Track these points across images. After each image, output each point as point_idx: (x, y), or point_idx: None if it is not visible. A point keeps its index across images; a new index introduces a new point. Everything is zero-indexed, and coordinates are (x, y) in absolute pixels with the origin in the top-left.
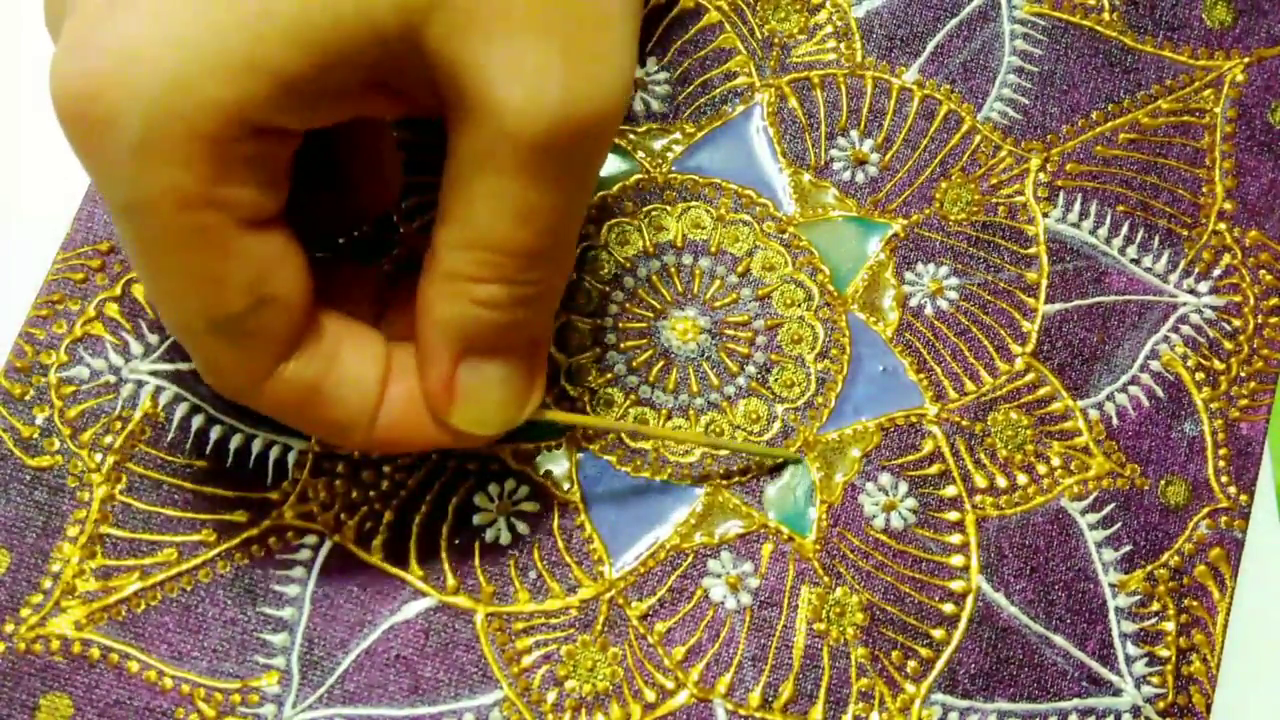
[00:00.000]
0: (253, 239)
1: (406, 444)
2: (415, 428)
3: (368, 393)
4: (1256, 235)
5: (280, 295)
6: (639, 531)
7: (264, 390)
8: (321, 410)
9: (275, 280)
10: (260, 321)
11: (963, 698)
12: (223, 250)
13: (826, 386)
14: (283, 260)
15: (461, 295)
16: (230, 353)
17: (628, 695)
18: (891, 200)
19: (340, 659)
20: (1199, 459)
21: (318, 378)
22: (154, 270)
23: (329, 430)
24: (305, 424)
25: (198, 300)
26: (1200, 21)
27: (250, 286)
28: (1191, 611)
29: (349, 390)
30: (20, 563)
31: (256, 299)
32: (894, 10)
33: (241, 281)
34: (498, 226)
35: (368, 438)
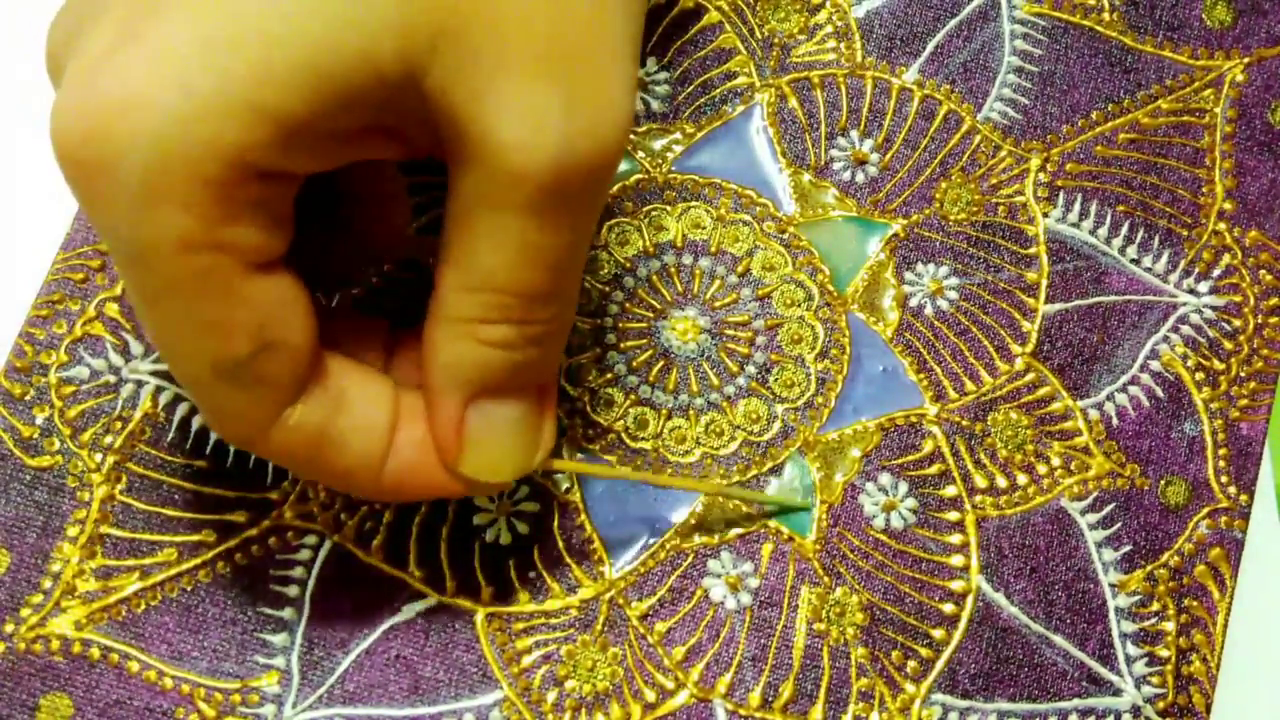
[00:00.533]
0: (257, 283)
1: (416, 491)
2: (426, 474)
3: (376, 437)
4: (1256, 235)
5: (286, 339)
6: (639, 531)
7: (271, 437)
8: (330, 455)
9: (281, 324)
10: (266, 367)
11: (963, 698)
12: (227, 294)
13: (826, 386)
14: (288, 304)
15: (467, 337)
16: (236, 399)
17: (628, 695)
18: (891, 200)
19: (340, 659)
20: (1199, 459)
21: (325, 422)
22: (158, 316)
23: (338, 477)
24: (314, 471)
25: (202, 346)
26: (1200, 21)
27: (256, 331)
28: (1191, 611)
29: (357, 435)
30: (20, 563)
31: (262, 344)
32: (894, 10)
33: (247, 326)
34: (502, 268)
35: (377, 484)
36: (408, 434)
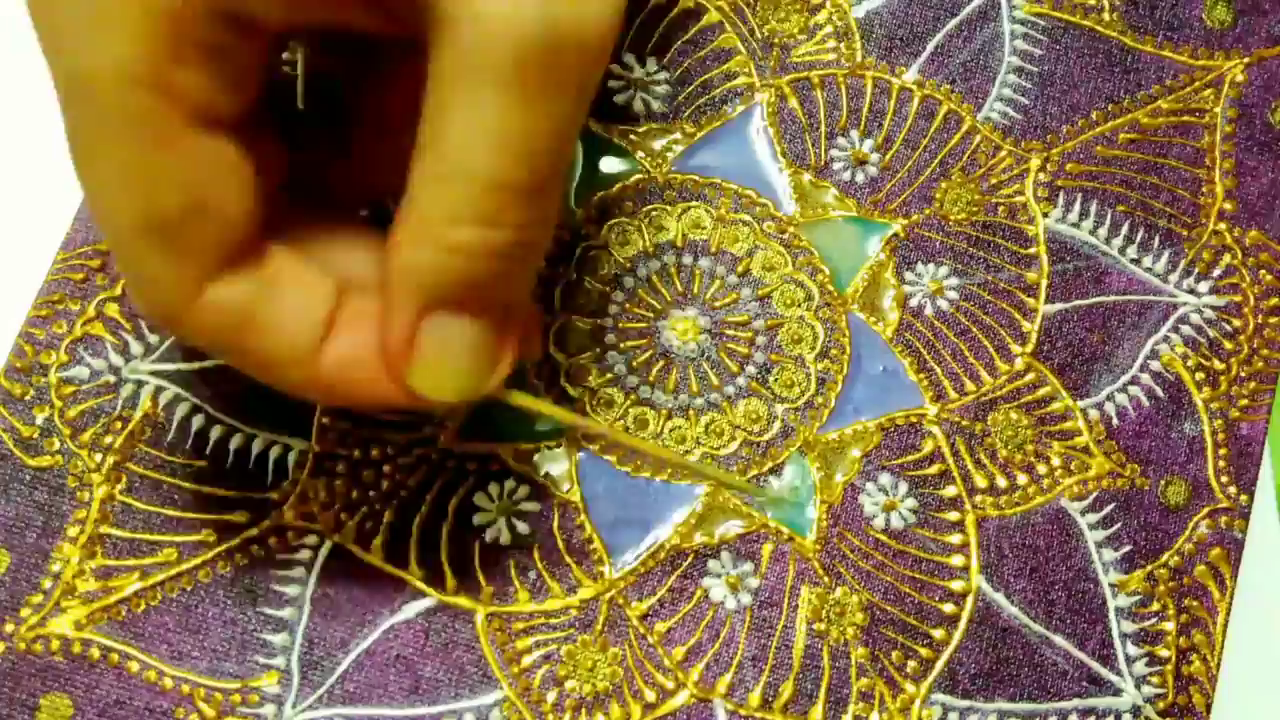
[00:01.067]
0: (198, 138)
1: (354, 395)
2: (367, 380)
3: (308, 327)
4: (1256, 235)
5: (219, 206)
6: (639, 531)
7: (191, 313)
8: (255, 339)
9: (216, 187)
10: (192, 230)
11: (963, 698)
12: (164, 143)
13: (826, 386)
14: (227, 169)
15: (432, 241)
16: (158, 263)
17: (628, 695)
18: (891, 200)
19: (340, 659)
20: (1199, 459)
21: (250, 303)
22: (91, 158)
23: (264, 364)
24: (239, 357)
25: (131, 197)
26: (1200, 21)
27: (187, 186)
28: (1191, 611)
29: (288, 321)
30: (20, 563)
31: (192, 202)
32: (894, 10)
33: (178, 179)
34: (474, 152)
35: (309, 378)
36: (353, 335)
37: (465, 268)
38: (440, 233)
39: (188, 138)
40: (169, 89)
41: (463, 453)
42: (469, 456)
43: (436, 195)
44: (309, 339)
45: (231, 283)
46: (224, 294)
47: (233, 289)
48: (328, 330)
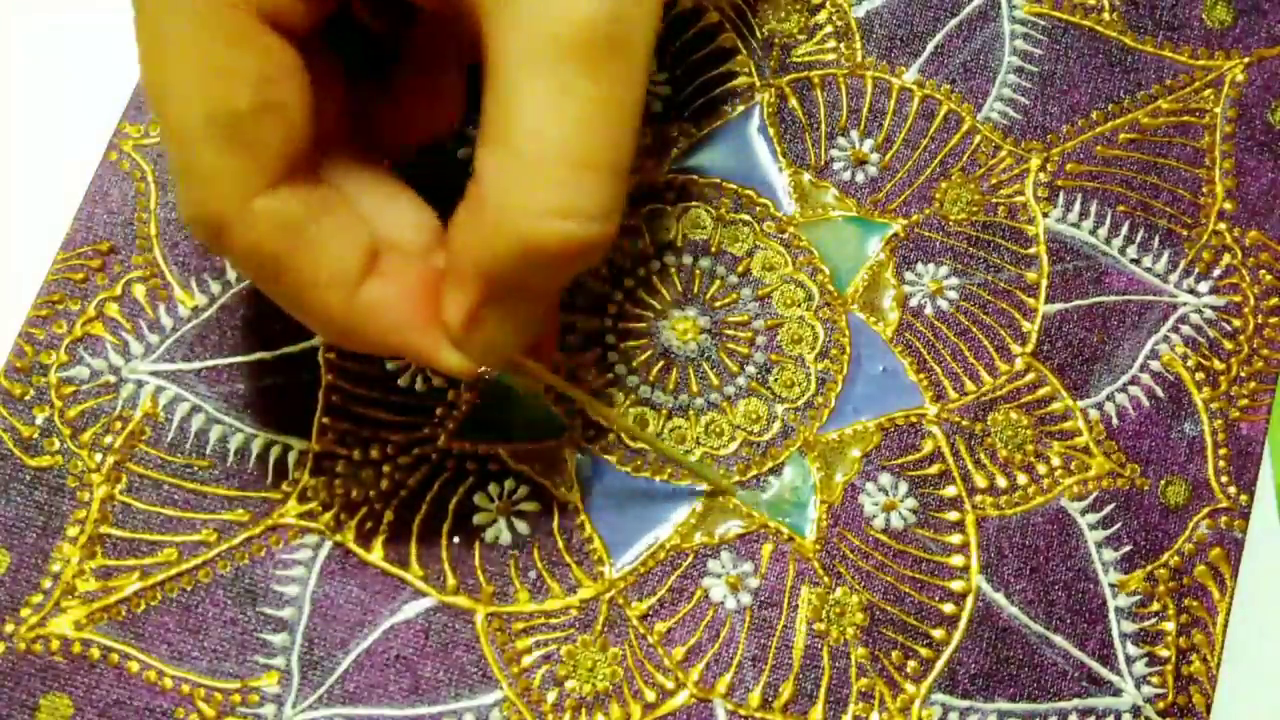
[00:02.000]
0: (270, 37)
1: (382, 341)
2: (397, 328)
3: (355, 253)
4: (1256, 235)
5: (287, 104)
6: (639, 531)
7: (246, 216)
8: (302, 256)
9: (284, 87)
10: (260, 128)
11: (963, 698)
12: (238, 37)
13: (826, 386)
14: (296, 72)
15: (510, 233)
16: (222, 160)
17: (628, 695)
18: (891, 200)
19: (340, 659)
20: (1199, 459)
21: (302, 218)
22: (164, 54)
23: (304, 287)
24: (282, 276)
25: (203, 89)
26: (1200, 21)
27: (258, 84)
28: (1191, 611)
29: (334, 245)
30: (20, 563)
31: (263, 100)
32: (894, 10)
33: (251, 75)
34: (554, 134)
35: (344, 309)
36: (391, 282)
37: (541, 263)
38: (519, 225)
39: (262, 36)
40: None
41: (462, 453)
42: (469, 456)
43: (514, 184)
44: (353, 267)
45: (287, 195)
46: (278, 204)
47: (287, 201)
48: (369, 267)
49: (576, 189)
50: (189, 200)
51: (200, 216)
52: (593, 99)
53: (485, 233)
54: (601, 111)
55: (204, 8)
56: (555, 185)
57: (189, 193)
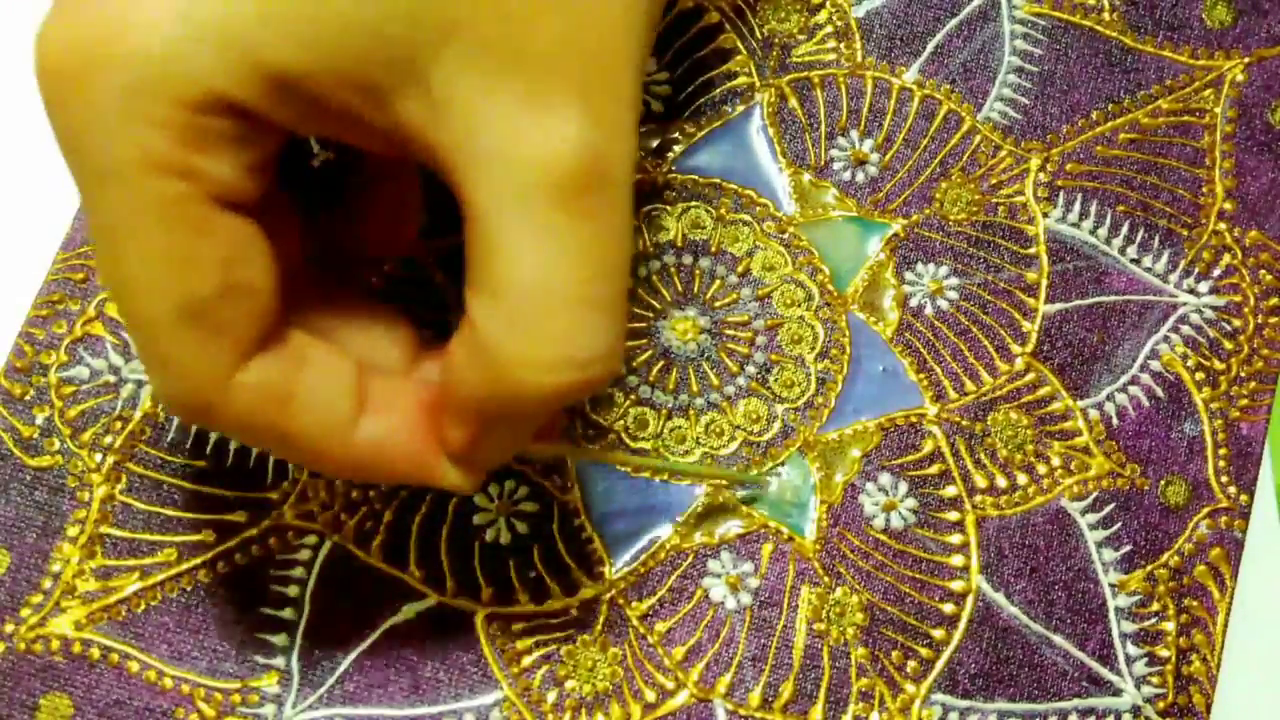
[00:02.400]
0: (225, 218)
1: (391, 473)
2: (402, 458)
3: (344, 399)
4: (1256, 235)
5: (251, 282)
6: (639, 531)
7: (229, 394)
8: (292, 418)
9: (247, 266)
10: (229, 309)
11: (963, 698)
12: (194, 225)
13: (826, 386)
14: (254, 247)
15: (505, 382)
16: (194, 347)
17: (628, 695)
18: (891, 200)
19: (340, 659)
20: (1199, 459)
21: (284, 380)
22: (123, 249)
23: (304, 443)
24: (278, 438)
25: (166, 279)
26: (1200, 21)
27: (220, 267)
28: (1191, 611)
29: (322, 396)
30: (20, 563)
31: (226, 282)
32: (894, 10)
33: (213, 260)
34: (537, 269)
35: (346, 455)
36: (385, 416)
37: (543, 407)
38: (520, 378)
39: (216, 218)
40: (196, 174)
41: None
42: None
43: (511, 338)
44: (345, 412)
45: (263, 364)
46: (258, 375)
47: (265, 370)
48: (360, 405)
49: (575, 337)
50: (165, 390)
51: (179, 403)
52: (580, 239)
53: (485, 380)
54: (591, 249)
55: (155, 202)
56: (553, 337)
57: (164, 383)
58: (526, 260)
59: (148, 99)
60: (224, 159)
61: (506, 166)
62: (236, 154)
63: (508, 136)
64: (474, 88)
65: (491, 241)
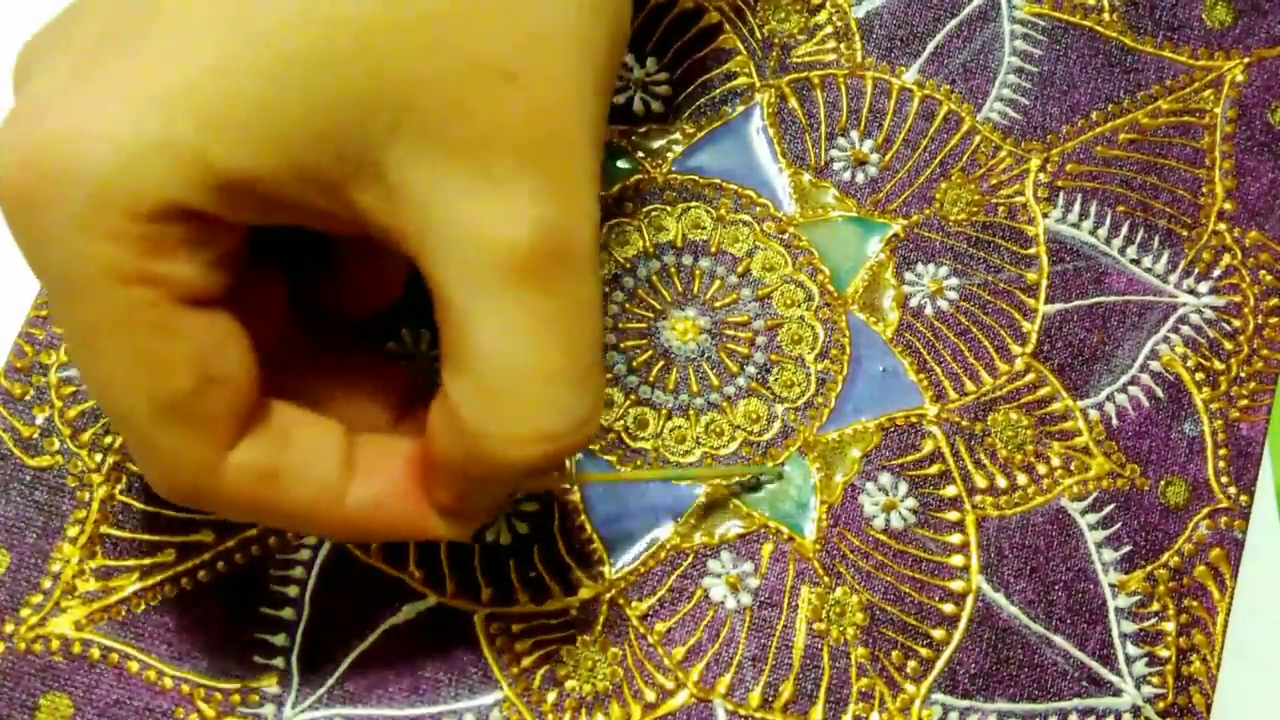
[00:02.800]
0: (193, 317)
1: (385, 533)
2: (395, 518)
3: (333, 467)
4: (1256, 235)
5: (227, 374)
6: (639, 531)
7: (218, 479)
8: (283, 491)
9: (221, 359)
10: (208, 402)
11: (963, 698)
12: (163, 327)
13: (826, 386)
14: (227, 340)
15: (481, 456)
16: (178, 440)
17: (628, 695)
18: (891, 200)
19: (340, 659)
20: (1199, 459)
21: (273, 457)
22: (96, 354)
23: (297, 515)
24: (271, 512)
25: (141, 381)
26: (1200, 21)
27: (195, 364)
28: (1191, 611)
29: (311, 468)
30: (20, 563)
31: (201, 378)
32: (894, 10)
33: (186, 358)
34: (507, 347)
35: (339, 520)
36: (375, 479)
37: (526, 475)
38: (499, 452)
39: (184, 318)
40: (159, 280)
41: None
42: None
43: (488, 415)
44: (334, 481)
45: (250, 445)
46: (245, 457)
47: (252, 451)
48: (349, 471)
49: (547, 411)
50: (156, 480)
51: (171, 492)
52: (547, 315)
53: (461, 451)
54: (558, 324)
55: (121, 310)
56: (525, 413)
57: (154, 475)
58: (494, 339)
59: (102, 213)
60: (185, 261)
61: (467, 249)
62: (197, 254)
63: (466, 219)
64: (428, 173)
65: (459, 321)
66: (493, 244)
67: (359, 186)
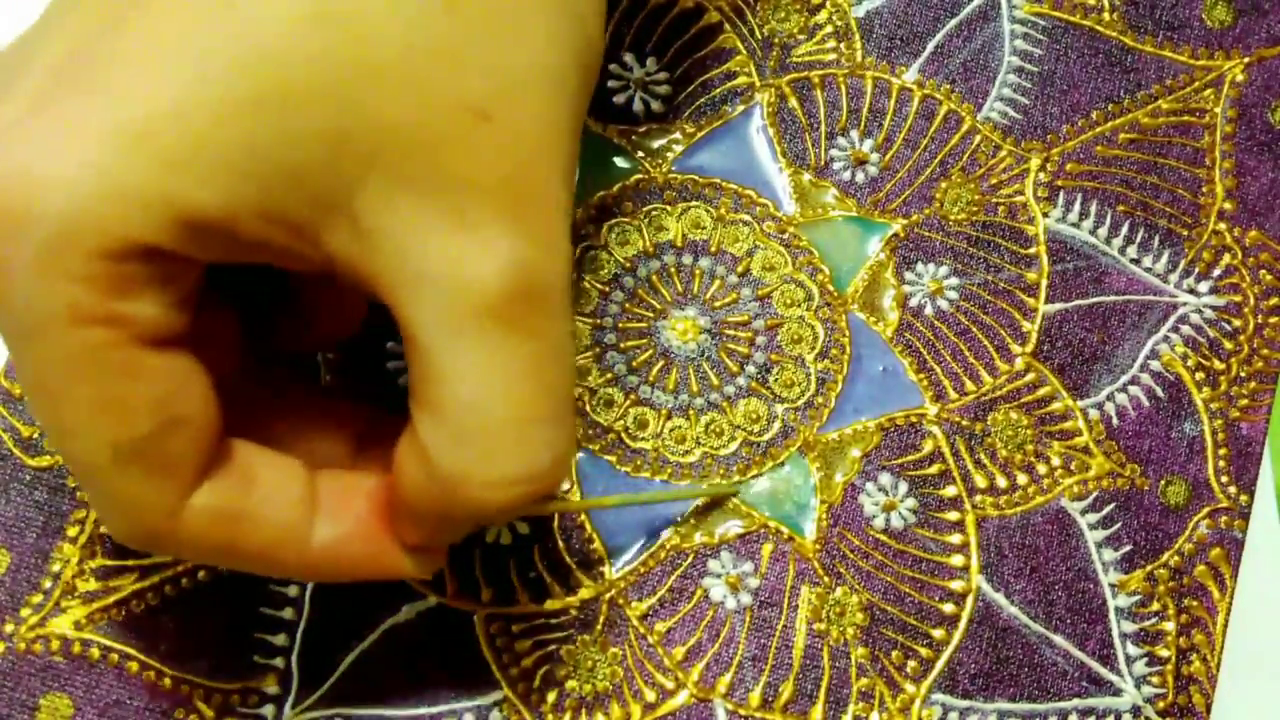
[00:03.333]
0: (154, 358)
1: (352, 572)
2: (361, 556)
3: (296, 505)
4: (1256, 235)
5: (189, 416)
6: (639, 531)
7: (180, 524)
8: (247, 534)
9: (182, 400)
10: (169, 445)
11: (963, 698)
12: (123, 369)
13: (826, 386)
14: (188, 381)
15: (447, 491)
16: (139, 484)
17: (628, 695)
18: (891, 200)
19: (340, 659)
20: (1199, 459)
21: (235, 500)
22: (55, 398)
23: (261, 557)
24: (234, 555)
25: (101, 425)
26: (1200, 21)
27: (156, 406)
28: (1191, 611)
29: (273, 508)
30: (20, 563)
31: (163, 420)
32: (894, 10)
33: (146, 401)
34: (485, 398)
35: (304, 560)
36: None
37: (487, 518)
38: (470, 496)
39: (145, 359)
40: (120, 320)
41: None
42: None
43: (460, 458)
44: (300, 519)
45: (211, 488)
46: (207, 500)
47: (214, 493)
48: (312, 511)
49: (519, 454)
50: (116, 527)
51: (132, 538)
52: (519, 357)
53: (432, 494)
54: (531, 366)
55: (81, 352)
56: (497, 456)
57: (113, 521)
58: (466, 382)
59: (63, 254)
60: (147, 300)
61: (438, 291)
62: (159, 293)
63: (437, 261)
64: (399, 216)
65: (430, 363)
66: (466, 286)
67: (329, 228)
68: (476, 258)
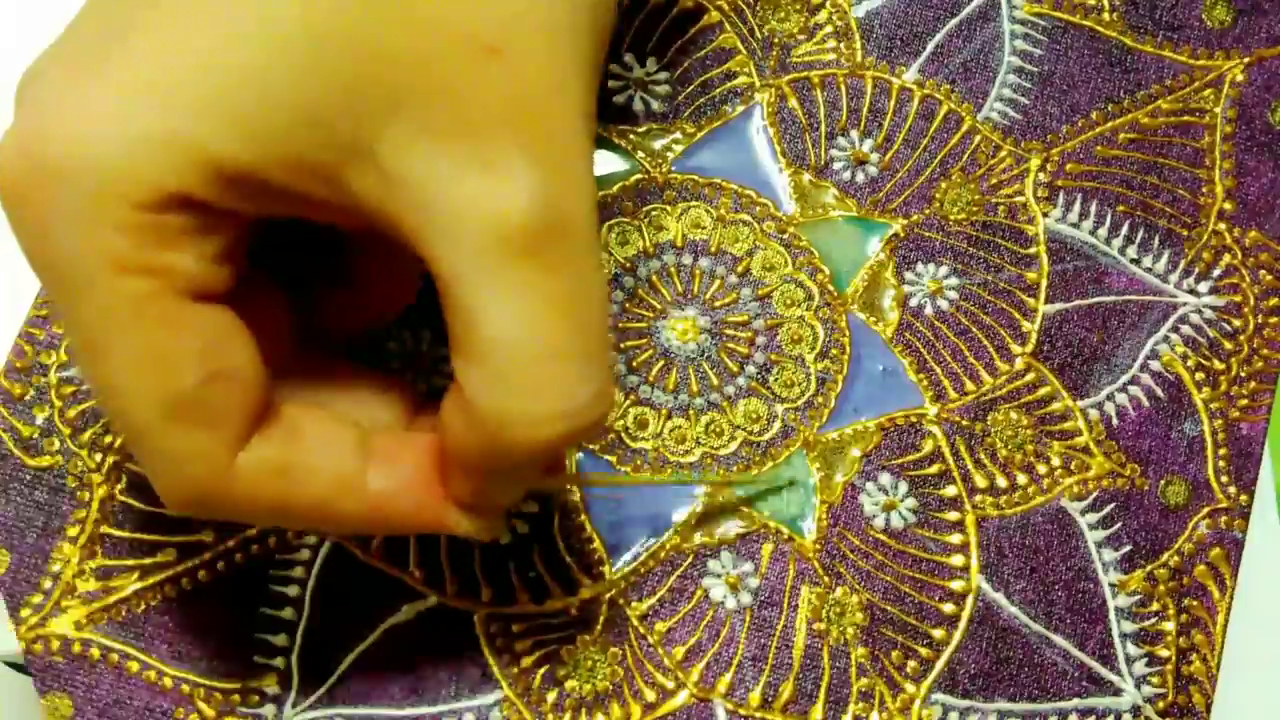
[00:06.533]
0: (197, 310)
1: (406, 523)
2: (415, 508)
3: (349, 454)
4: (1256, 235)
5: (234, 370)
6: (639, 531)
7: (233, 479)
8: (301, 487)
9: (226, 353)
10: (215, 398)
11: (963, 698)
12: (167, 320)
13: (826, 386)
14: (232, 334)
15: (496, 443)
16: (188, 440)
17: (628, 695)
18: (891, 200)
19: (340, 659)
20: (1199, 459)
21: (284, 455)
22: (101, 351)
23: (319, 509)
24: (289, 510)
25: (147, 378)
26: (1200, 21)
27: (200, 358)
28: (1191, 611)
29: (326, 459)
30: (20, 563)
31: (209, 372)
32: (894, 10)
33: (190, 352)
34: (514, 325)
35: (361, 508)
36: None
37: (542, 456)
38: (513, 435)
39: (187, 311)
40: (162, 271)
41: None
42: None
43: (499, 398)
44: (354, 469)
45: (261, 443)
46: (256, 456)
47: (264, 447)
48: (366, 459)
49: (559, 389)
50: (167, 486)
51: (183, 498)
52: (549, 292)
53: (478, 440)
54: (562, 300)
55: (125, 303)
56: (540, 392)
57: (164, 479)
58: (499, 320)
59: (103, 205)
60: (187, 252)
61: (464, 230)
62: (199, 245)
63: (462, 200)
64: (422, 156)
65: (463, 306)
66: (490, 224)
67: (355, 173)
68: (498, 193)
